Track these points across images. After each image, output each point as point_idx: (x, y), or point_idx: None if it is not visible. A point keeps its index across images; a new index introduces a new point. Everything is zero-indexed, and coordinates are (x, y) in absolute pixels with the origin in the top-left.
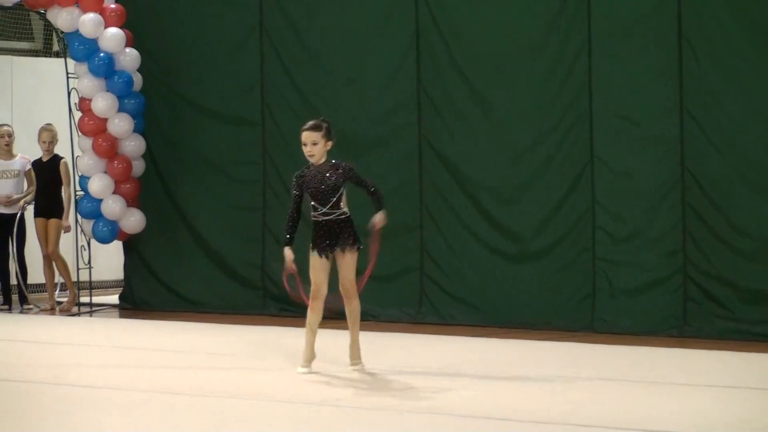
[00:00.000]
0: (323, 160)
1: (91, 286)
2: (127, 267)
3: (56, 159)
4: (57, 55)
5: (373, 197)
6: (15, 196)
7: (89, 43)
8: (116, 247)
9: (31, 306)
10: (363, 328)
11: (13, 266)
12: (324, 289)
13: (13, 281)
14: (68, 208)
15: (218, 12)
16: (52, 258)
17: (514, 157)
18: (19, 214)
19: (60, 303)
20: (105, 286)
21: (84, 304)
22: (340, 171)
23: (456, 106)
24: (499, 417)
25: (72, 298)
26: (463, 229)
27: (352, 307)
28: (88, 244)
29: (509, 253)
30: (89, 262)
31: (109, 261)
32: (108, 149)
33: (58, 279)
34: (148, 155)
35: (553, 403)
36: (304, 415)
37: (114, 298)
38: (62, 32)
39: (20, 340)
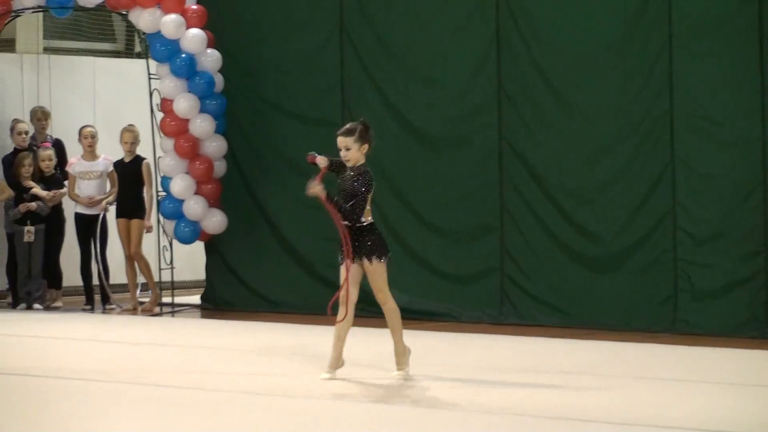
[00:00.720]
0: (360, 162)
1: (173, 287)
2: (209, 267)
3: (138, 160)
4: (139, 56)
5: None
6: (98, 197)
7: (171, 44)
8: (198, 247)
9: (113, 306)
10: (444, 329)
11: (95, 267)
12: (352, 296)
13: (96, 281)
14: (150, 208)
15: (299, 13)
16: (134, 258)
17: (595, 158)
18: (101, 215)
19: (142, 303)
20: (187, 286)
21: (166, 305)
22: (362, 178)
23: (536, 106)
24: (581, 418)
25: (154, 298)
26: (544, 230)
27: (386, 312)
28: (170, 244)
29: (590, 255)
30: (171, 262)
31: (190, 261)
32: (190, 150)
33: (140, 279)
34: (230, 156)
35: (635, 405)
36: (385, 416)
37: (195, 299)
38: (144, 33)
39: (102, 340)
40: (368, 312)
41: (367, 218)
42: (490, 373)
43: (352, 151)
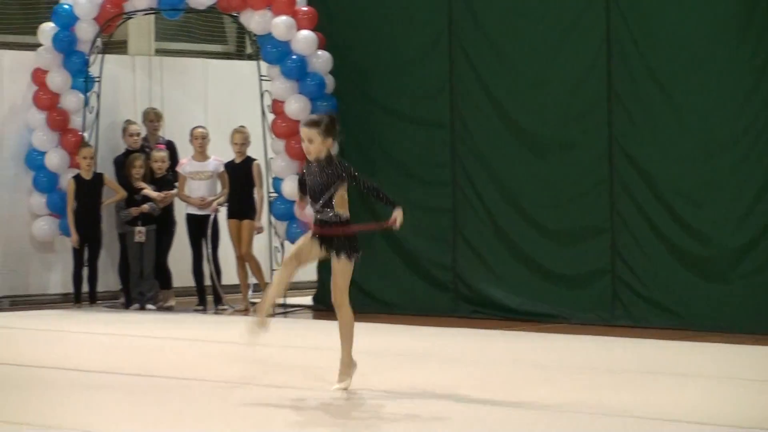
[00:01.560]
0: (323, 155)
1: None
2: (320, 269)
3: (249, 161)
4: (250, 57)
5: (378, 195)
6: (209, 198)
7: (282, 45)
8: None
9: (225, 307)
10: (555, 330)
11: (207, 268)
12: (297, 260)
13: (208, 282)
14: (261, 209)
15: (408, 14)
16: (245, 259)
17: (705, 158)
18: (213, 216)
19: (254, 304)
20: (298, 287)
21: (278, 305)
22: (335, 170)
23: (646, 106)
24: (698, 421)
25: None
26: (654, 231)
27: (341, 318)
28: (282, 245)
29: (702, 256)
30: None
31: None
32: (301, 151)
33: (252, 280)
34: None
35: (757, 407)
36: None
37: (307, 300)
38: (255, 35)
39: (215, 340)
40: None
41: (344, 212)
42: (603, 374)
43: (315, 143)
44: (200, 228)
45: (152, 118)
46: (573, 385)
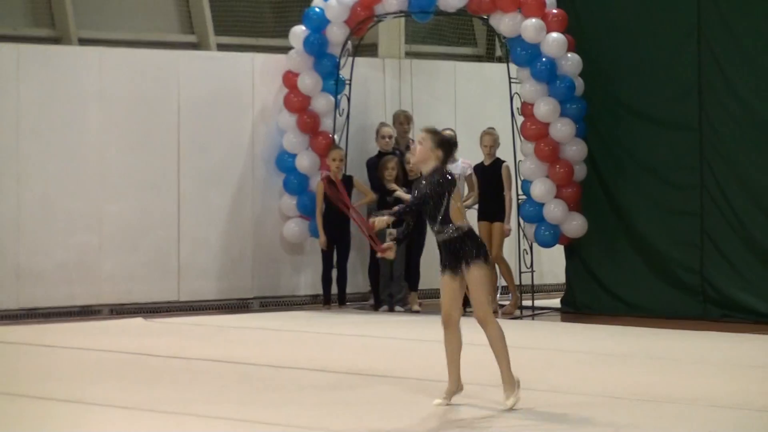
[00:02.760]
0: (430, 167)
1: (534, 290)
2: (569, 270)
3: (498, 163)
4: (499, 60)
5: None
6: None
7: (531, 48)
8: (558, 251)
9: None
10: None
11: None
12: (455, 315)
13: None
14: (509, 211)
15: (656, 17)
16: (495, 261)
17: None
18: None
19: (503, 306)
20: (547, 289)
21: (526, 308)
22: (440, 179)
23: None
24: None
25: (514, 301)
26: None
27: (488, 335)
28: (531, 248)
29: None
30: (531, 265)
31: (551, 265)
32: (550, 154)
33: (501, 282)
34: (589, 160)
35: None
36: (747, 421)
37: (556, 302)
38: (504, 37)
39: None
40: None
41: (461, 223)
42: None
43: (423, 146)
44: None
45: (402, 120)
46: None
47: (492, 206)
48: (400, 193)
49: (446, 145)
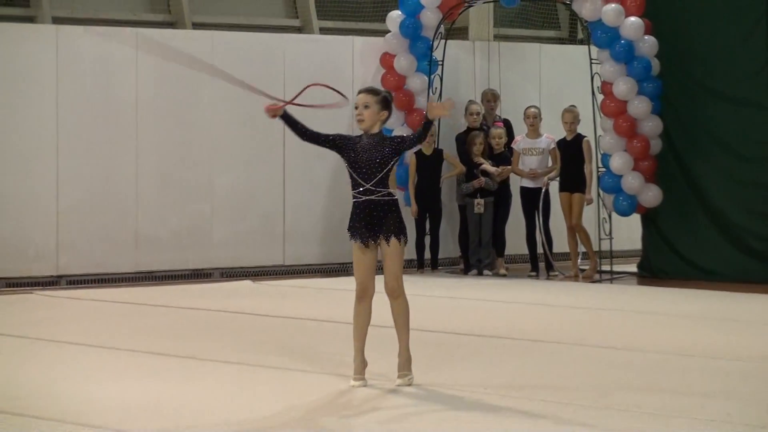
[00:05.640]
0: (376, 130)
1: (612, 255)
2: (645, 238)
3: (579, 138)
4: (581, 42)
5: (423, 127)
6: (538, 171)
7: (611, 31)
8: (635, 219)
9: (556, 273)
10: None
11: (539, 237)
12: (371, 288)
13: (540, 250)
14: (590, 183)
15: (727, 1)
16: (575, 229)
17: None
18: (544, 189)
19: (582, 271)
20: (624, 255)
21: (605, 272)
22: (394, 142)
23: None
24: None
25: (593, 266)
26: None
27: (394, 309)
28: (609, 216)
29: None
30: (610, 233)
31: (628, 232)
32: (628, 129)
33: (581, 249)
34: (665, 135)
35: None
36: None
37: (632, 267)
38: (586, 21)
39: (547, 304)
40: None
41: (392, 190)
42: None
43: (369, 109)
44: (533, 200)
45: (490, 98)
46: None
47: (573, 178)
48: (486, 166)
49: (389, 104)
